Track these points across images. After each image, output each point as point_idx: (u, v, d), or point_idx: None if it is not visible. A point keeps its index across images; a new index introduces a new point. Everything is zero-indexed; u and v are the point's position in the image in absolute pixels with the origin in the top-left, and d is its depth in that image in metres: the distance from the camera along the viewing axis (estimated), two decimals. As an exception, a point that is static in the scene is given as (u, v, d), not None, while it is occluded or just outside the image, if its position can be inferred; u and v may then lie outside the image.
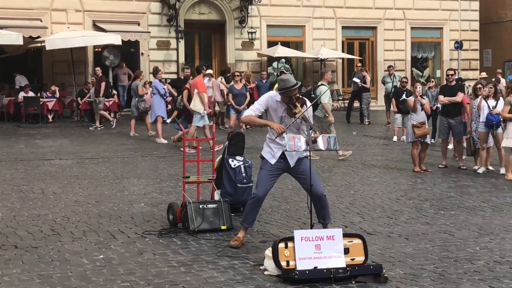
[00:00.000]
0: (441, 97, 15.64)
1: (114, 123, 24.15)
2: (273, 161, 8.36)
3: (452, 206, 11.28)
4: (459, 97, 15.42)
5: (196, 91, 17.43)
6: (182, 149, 10.88)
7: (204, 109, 17.45)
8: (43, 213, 10.49)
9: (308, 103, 8.38)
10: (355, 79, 26.28)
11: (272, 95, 8.44)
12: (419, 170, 14.63)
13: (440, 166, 15.35)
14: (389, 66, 26.67)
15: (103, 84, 23.60)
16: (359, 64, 28.16)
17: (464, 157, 15.49)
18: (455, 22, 34.69)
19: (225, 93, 22.17)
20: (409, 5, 33.51)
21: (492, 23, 37.45)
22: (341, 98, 30.33)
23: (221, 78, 24.03)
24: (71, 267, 7.68)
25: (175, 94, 20.00)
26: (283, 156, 8.32)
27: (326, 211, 8.60)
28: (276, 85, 8.66)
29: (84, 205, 11.07)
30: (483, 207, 11.21)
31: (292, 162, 8.34)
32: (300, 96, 8.38)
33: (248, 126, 22.36)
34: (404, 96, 19.87)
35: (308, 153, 8.21)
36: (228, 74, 25.19)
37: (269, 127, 8.29)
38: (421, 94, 15.00)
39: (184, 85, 19.19)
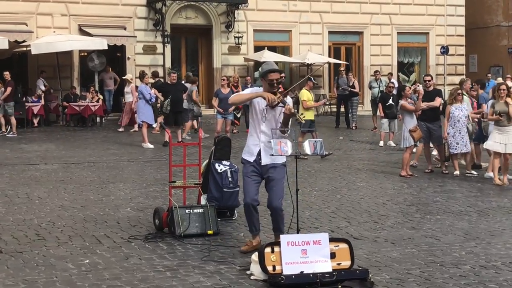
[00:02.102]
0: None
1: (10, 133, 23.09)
2: (252, 158, 8.28)
3: (438, 210, 11.31)
4: (437, 102, 15.47)
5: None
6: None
7: None
8: (28, 217, 10.44)
9: (289, 96, 8.36)
10: (344, 86, 26.32)
11: (255, 89, 8.47)
12: (405, 175, 14.65)
13: (426, 170, 15.40)
14: (376, 71, 26.74)
15: (8, 89, 22.92)
16: (342, 69, 28.21)
17: (446, 163, 15.53)
18: (441, 27, 34.85)
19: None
20: (395, 10, 33.65)
21: (478, 28, 37.66)
22: (327, 103, 30.28)
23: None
24: (56, 272, 7.64)
25: (162, 98, 19.95)
26: (259, 154, 8.22)
27: (280, 223, 8.36)
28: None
29: (69, 210, 11.02)
30: (469, 212, 11.24)
31: (264, 161, 8.19)
32: (282, 89, 8.34)
33: (235, 130, 22.40)
34: (390, 101, 19.98)
35: (284, 160, 8.20)
36: (157, 79, 24.88)
37: (260, 97, 8.13)
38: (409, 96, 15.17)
39: (171, 89, 19.28)
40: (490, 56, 37.73)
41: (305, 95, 17.84)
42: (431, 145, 15.94)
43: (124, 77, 25.41)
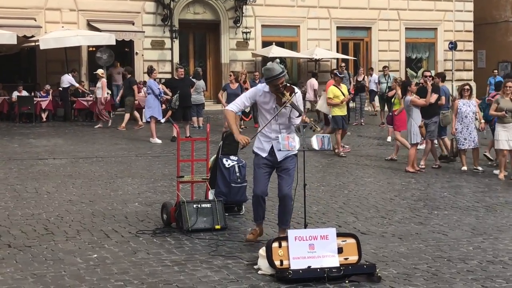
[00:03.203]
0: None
1: None
2: (264, 154, 8.38)
3: (445, 206, 11.30)
4: (433, 98, 15.44)
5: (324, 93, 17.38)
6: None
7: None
8: (36, 212, 10.48)
9: (297, 90, 8.39)
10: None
11: (260, 88, 8.46)
12: (413, 170, 14.64)
13: (434, 166, 15.39)
14: (384, 67, 26.71)
15: None
16: (343, 64, 28.18)
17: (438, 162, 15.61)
18: (449, 22, 34.77)
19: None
20: (404, 5, 33.57)
21: (486, 24, 37.52)
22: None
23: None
24: (64, 266, 7.67)
25: (170, 94, 19.95)
26: (272, 150, 8.34)
27: (287, 214, 8.42)
28: None
29: (78, 205, 11.06)
30: (477, 207, 11.24)
31: (279, 157, 8.33)
32: (288, 85, 8.35)
33: (243, 126, 22.41)
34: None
35: (297, 150, 8.24)
36: (128, 75, 24.24)
37: (236, 137, 8.32)
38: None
39: (179, 85, 19.28)
40: (499, 51, 37.60)
41: (331, 92, 17.47)
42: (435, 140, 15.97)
43: (95, 72, 24.85)
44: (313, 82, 25.60)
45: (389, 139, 20.25)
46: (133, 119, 23.39)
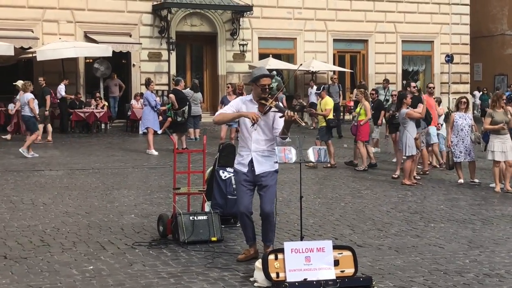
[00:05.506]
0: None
1: None
2: (244, 169, 8.19)
3: (442, 218, 11.31)
4: (419, 108, 15.50)
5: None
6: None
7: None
8: (33, 223, 10.46)
9: (282, 96, 8.33)
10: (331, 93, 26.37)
11: (242, 98, 8.37)
12: (410, 183, 14.65)
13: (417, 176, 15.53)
14: (385, 80, 26.69)
15: None
16: (335, 77, 28.24)
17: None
18: (446, 35, 34.89)
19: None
20: (400, 18, 33.69)
21: (482, 37, 37.70)
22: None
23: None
24: (60, 278, 7.65)
25: (177, 106, 19.63)
26: (252, 163, 8.14)
27: (270, 232, 8.30)
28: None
29: (74, 216, 11.04)
30: (473, 220, 11.24)
31: (258, 170, 8.13)
32: (273, 94, 8.27)
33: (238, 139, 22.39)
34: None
35: (277, 166, 8.17)
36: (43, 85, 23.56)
37: (243, 116, 8.07)
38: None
39: (186, 96, 19.42)
40: (495, 64, 37.76)
41: (330, 103, 17.75)
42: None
43: (14, 83, 23.86)
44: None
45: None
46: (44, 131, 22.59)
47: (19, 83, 23.32)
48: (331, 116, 17.69)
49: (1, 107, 25.75)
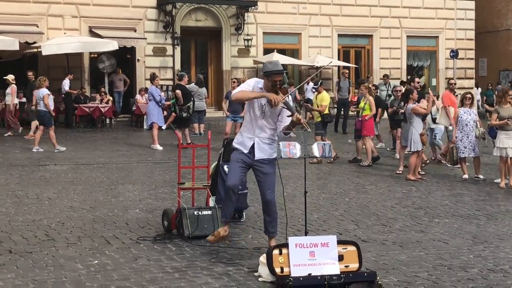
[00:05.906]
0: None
1: None
2: (244, 150, 8.18)
3: (446, 214, 11.31)
4: (423, 103, 15.50)
5: (441, 105, 17.03)
6: None
7: (450, 124, 16.46)
8: (37, 218, 10.49)
9: (292, 91, 8.34)
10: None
11: (257, 80, 8.32)
12: (414, 178, 14.64)
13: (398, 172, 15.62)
14: (385, 75, 26.72)
15: None
16: (346, 71, 28.21)
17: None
18: (450, 31, 34.82)
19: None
20: (405, 13, 33.63)
21: (487, 32, 37.61)
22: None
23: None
24: (65, 272, 7.67)
25: (182, 101, 19.57)
26: (252, 149, 8.15)
27: (272, 221, 8.34)
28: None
29: (79, 211, 11.07)
30: (478, 215, 11.24)
31: (258, 155, 8.13)
32: (283, 87, 8.26)
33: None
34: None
35: (275, 155, 8.16)
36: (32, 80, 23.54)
37: (264, 97, 8.00)
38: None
39: (190, 91, 19.41)
40: (500, 60, 37.69)
41: (326, 99, 17.69)
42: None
43: (5, 77, 23.85)
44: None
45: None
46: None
47: (10, 77, 23.40)
48: (326, 111, 17.66)
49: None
